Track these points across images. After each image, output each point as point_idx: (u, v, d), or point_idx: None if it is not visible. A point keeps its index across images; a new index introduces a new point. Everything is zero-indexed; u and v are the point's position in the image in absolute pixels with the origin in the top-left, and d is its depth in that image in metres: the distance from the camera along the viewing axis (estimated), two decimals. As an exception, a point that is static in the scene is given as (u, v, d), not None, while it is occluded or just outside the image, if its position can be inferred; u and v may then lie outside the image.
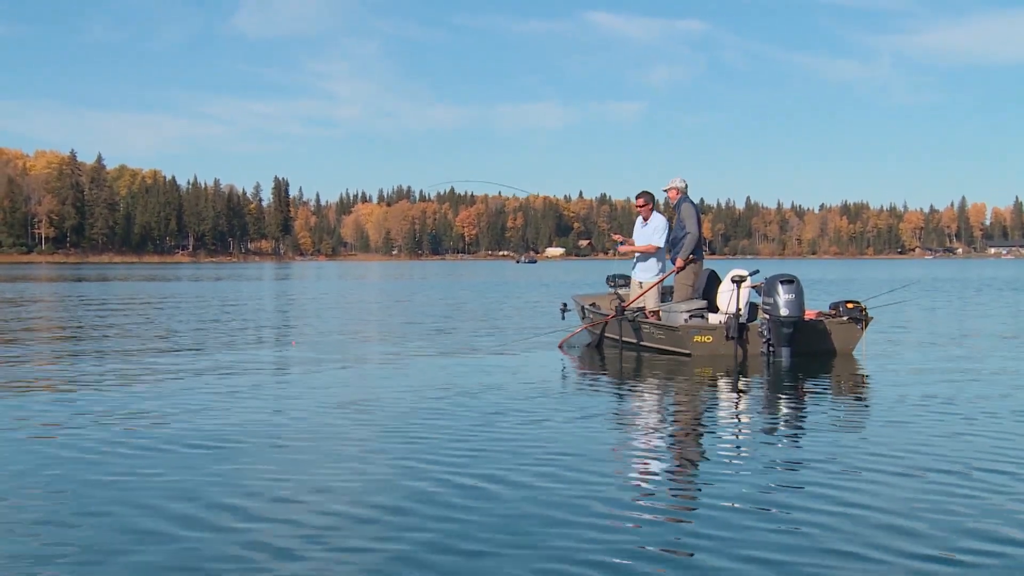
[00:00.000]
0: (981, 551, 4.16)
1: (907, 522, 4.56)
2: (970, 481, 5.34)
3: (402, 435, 6.78)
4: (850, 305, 11.86)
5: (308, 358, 11.80)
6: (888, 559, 4.06)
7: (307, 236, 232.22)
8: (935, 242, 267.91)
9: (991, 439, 6.51)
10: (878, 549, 4.18)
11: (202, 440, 6.53)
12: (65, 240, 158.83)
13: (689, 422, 7.72)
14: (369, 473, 5.65)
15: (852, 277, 52.32)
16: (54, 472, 5.64)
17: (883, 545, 4.23)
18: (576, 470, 5.62)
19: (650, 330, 12.15)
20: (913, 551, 4.15)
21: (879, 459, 5.91)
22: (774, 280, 10.98)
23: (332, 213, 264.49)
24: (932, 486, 5.24)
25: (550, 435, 6.73)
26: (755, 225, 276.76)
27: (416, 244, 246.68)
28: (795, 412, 8.05)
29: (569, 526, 4.53)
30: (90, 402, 8.22)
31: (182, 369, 10.57)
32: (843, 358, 11.39)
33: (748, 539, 4.33)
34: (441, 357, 11.97)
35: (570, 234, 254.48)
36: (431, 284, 43.78)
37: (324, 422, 7.31)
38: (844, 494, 5.07)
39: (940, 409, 7.76)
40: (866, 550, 4.17)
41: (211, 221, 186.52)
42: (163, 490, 5.21)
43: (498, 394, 8.64)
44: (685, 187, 12.67)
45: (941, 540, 4.30)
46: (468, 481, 5.37)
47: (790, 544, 4.26)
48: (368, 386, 9.38)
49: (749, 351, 11.37)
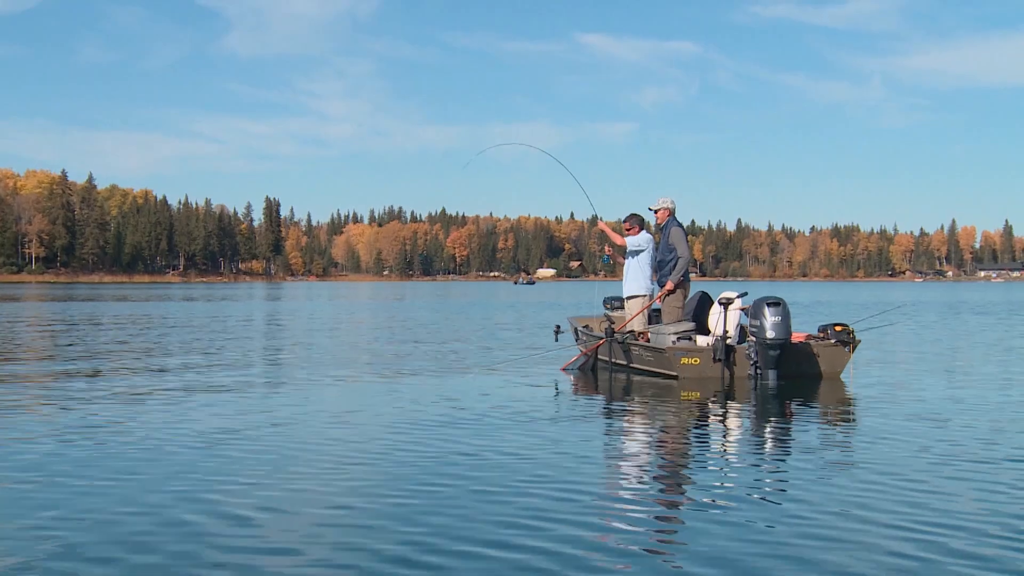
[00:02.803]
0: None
1: (893, 544, 4.57)
2: (958, 506, 5.35)
3: (390, 451, 6.79)
4: (838, 328, 11.89)
5: (316, 377, 11.77)
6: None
7: (298, 256, 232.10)
8: (925, 265, 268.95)
9: (979, 463, 6.51)
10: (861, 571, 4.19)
11: (190, 452, 6.52)
12: (55, 260, 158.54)
13: (671, 445, 7.72)
14: (356, 489, 5.64)
15: (842, 300, 52.47)
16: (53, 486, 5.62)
17: (867, 567, 4.24)
18: (558, 490, 5.62)
19: (639, 352, 12.17)
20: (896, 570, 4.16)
21: (864, 483, 5.92)
22: (760, 303, 11.01)
23: (323, 233, 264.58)
24: (918, 511, 5.25)
25: (529, 461, 6.72)
26: (746, 247, 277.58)
27: (407, 265, 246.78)
28: (778, 435, 8.06)
29: (552, 541, 4.53)
30: (80, 418, 8.19)
31: (189, 388, 10.55)
32: (830, 381, 11.42)
33: (731, 561, 4.34)
34: (434, 377, 11.96)
35: (561, 255, 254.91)
36: (435, 305, 43.75)
37: (316, 440, 7.29)
38: (830, 518, 5.08)
39: (927, 433, 7.77)
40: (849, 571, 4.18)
41: (202, 241, 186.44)
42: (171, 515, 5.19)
43: (483, 415, 8.63)
44: (674, 208, 12.71)
45: (928, 563, 4.31)
46: (449, 492, 5.37)
47: (774, 567, 4.27)
48: (361, 405, 9.35)
49: (736, 373, 11.39)
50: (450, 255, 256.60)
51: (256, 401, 9.78)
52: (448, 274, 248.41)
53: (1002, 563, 4.34)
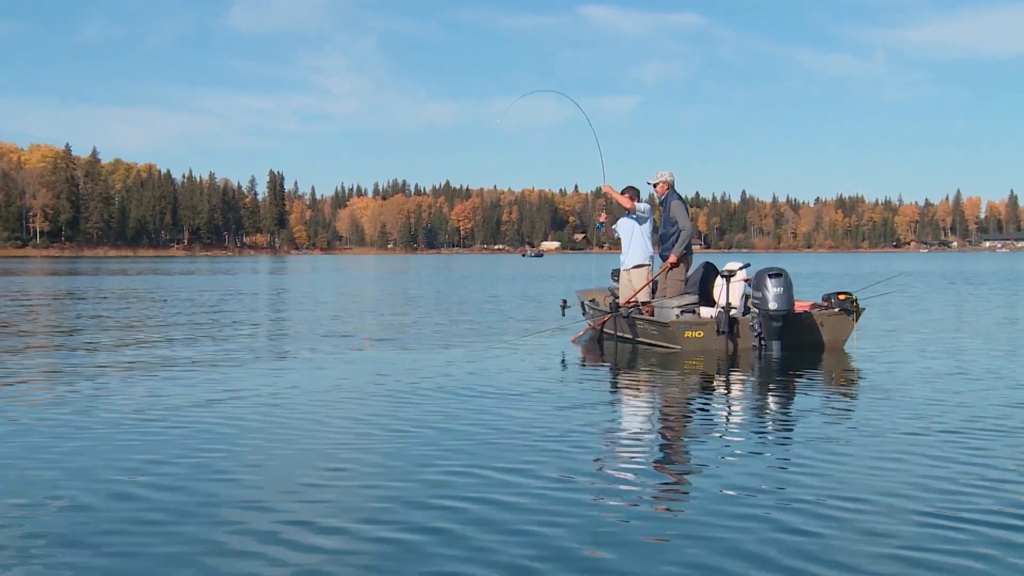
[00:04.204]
0: (971, 553, 4.21)
1: (894, 521, 4.61)
2: (963, 477, 5.38)
3: (395, 421, 6.84)
4: (842, 296, 11.91)
5: (324, 349, 11.83)
6: (871, 557, 4.11)
7: (302, 230, 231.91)
8: (930, 236, 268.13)
9: (983, 432, 6.54)
10: (863, 546, 4.23)
11: (200, 430, 6.59)
12: (60, 234, 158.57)
13: (671, 419, 7.77)
14: (360, 463, 5.69)
15: (846, 270, 52.41)
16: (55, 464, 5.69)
17: (869, 543, 4.28)
18: (563, 459, 5.67)
19: (643, 326, 12.19)
20: (895, 550, 4.21)
21: (867, 454, 5.96)
22: (762, 274, 11.02)
23: (327, 207, 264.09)
24: (923, 481, 5.28)
25: (530, 435, 6.77)
26: (750, 219, 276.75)
27: (411, 238, 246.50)
28: (781, 407, 8.10)
29: (555, 515, 4.57)
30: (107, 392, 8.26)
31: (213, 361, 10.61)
32: (833, 350, 11.44)
33: (733, 534, 4.38)
34: (443, 350, 12.00)
35: (565, 228, 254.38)
36: (452, 279, 43.77)
37: (321, 414, 7.35)
38: (832, 492, 5.12)
39: (932, 403, 7.79)
40: (852, 546, 4.22)
41: (206, 215, 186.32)
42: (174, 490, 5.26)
43: (484, 388, 8.68)
44: (673, 181, 12.68)
45: (930, 537, 4.35)
46: (455, 468, 5.43)
47: (775, 540, 4.31)
48: (368, 378, 9.40)
49: (740, 345, 11.40)
50: (454, 228, 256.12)
51: (264, 374, 9.83)
52: (452, 247, 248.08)
53: (1009, 540, 4.37)
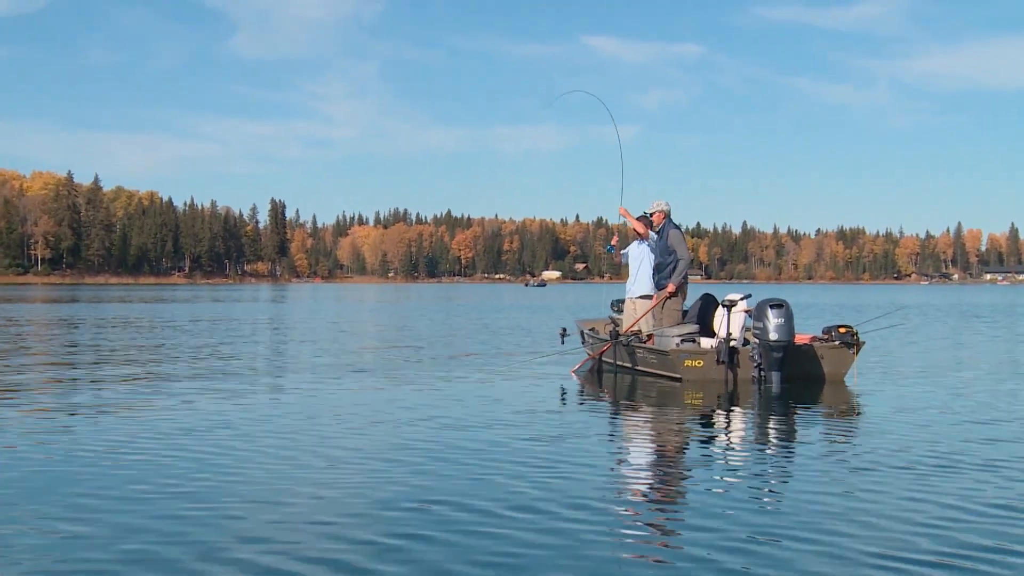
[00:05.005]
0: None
1: (895, 548, 4.58)
2: (962, 508, 5.35)
3: (386, 450, 6.81)
4: (842, 330, 11.89)
5: (324, 379, 11.80)
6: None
7: (303, 258, 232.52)
8: (931, 268, 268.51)
9: (983, 465, 6.51)
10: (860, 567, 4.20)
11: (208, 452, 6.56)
12: (61, 261, 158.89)
13: (672, 449, 7.72)
14: (357, 490, 5.66)
15: (846, 302, 52.41)
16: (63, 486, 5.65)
17: (866, 565, 4.25)
18: (554, 491, 5.64)
19: (643, 355, 12.18)
20: None
21: (865, 486, 5.92)
22: (764, 304, 11.02)
23: (328, 235, 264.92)
24: (921, 514, 5.25)
25: (531, 464, 6.74)
26: (751, 250, 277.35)
27: (412, 267, 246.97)
28: (781, 438, 8.07)
29: (543, 547, 4.54)
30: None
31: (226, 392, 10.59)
32: (834, 383, 11.41)
33: (732, 563, 4.35)
34: (440, 380, 11.96)
35: (566, 257, 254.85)
36: (453, 308, 43.78)
37: (319, 442, 7.32)
38: (831, 521, 5.09)
39: (931, 435, 7.76)
40: (847, 568, 4.19)
41: (207, 243, 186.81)
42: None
43: (488, 418, 8.66)
44: (669, 210, 12.74)
45: (932, 563, 4.32)
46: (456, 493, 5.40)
47: (773, 569, 4.28)
48: (367, 407, 9.37)
49: (740, 376, 11.38)
50: (455, 257, 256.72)
51: (268, 402, 9.81)
52: (453, 276, 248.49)
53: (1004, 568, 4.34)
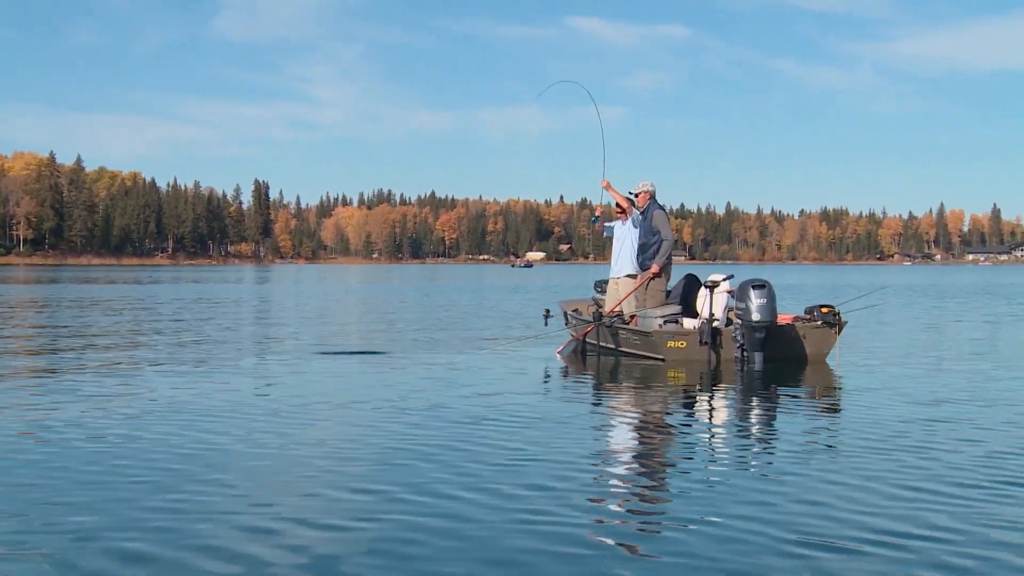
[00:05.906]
0: (954, 559, 4.23)
1: (870, 526, 4.64)
2: (942, 490, 5.40)
3: (369, 434, 6.83)
4: (824, 309, 11.96)
5: (305, 359, 11.79)
6: (849, 561, 4.12)
7: (287, 239, 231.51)
8: (914, 248, 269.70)
9: (964, 444, 6.57)
10: (842, 550, 4.25)
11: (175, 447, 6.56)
12: (43, 242, 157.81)
13: (654, 430, 7.78)
14: (340, 473, 5.67)
15: (829, 283, 52.65)
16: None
17: (848, 547, 4.30)
18: (542, 473, 5.67)
19: (626, 335, 12.22)
20: (872, 551, 4.23)
21: (846, 466, 5.98)
22: (746, 285, 11.07)
23: (312, 216, 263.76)
24: (903, 492, 5.30)
25: (514, 442, 6.77)
26: (735, 230, 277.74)
27: (396, 248, 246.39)
28: (762, 418, 8.14)
29: (527, 532, 4.58)
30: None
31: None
32: (816, 363, 11.49)
33: (711, 553, 4.39)
34: (421, 363, 11.98)
35: (550, 238, 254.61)
36: (446, 287, 43.72)
37: (301, 424, 7.32)
38: (812, 503, 5.14)
39: (912, 415, 7.83)
40: (830, 551, 4.24)
41: (191, 224, 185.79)
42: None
43: (469, 398, 8.69)
44: (654, 191, 12.75)
45: (910, 545, 4.37)
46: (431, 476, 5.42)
47: (752, 550, 4.32)
48: (350, 388, 9.38)
49: (723, 356, 11.44)
50: (439, 238, 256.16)
51: (249, 383, 9.80)
52: (437, 257, 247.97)
53: (993, 552, 4.40)
